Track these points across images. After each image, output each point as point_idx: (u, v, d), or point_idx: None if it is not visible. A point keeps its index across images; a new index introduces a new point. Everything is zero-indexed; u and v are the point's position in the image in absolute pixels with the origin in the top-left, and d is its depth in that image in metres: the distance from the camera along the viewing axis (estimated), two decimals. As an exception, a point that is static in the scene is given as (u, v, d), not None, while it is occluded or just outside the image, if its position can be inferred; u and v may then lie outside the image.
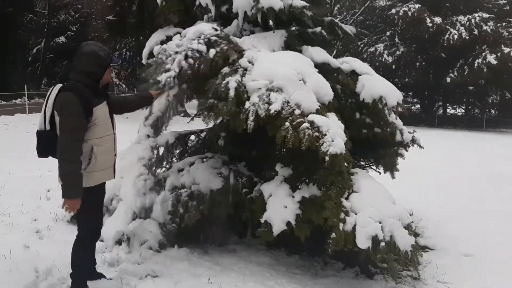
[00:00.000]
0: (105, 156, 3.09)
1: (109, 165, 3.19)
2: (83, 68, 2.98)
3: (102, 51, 3.04)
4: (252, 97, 3.58)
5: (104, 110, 3.06)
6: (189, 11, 4.84)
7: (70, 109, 2.86)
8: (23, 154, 9.14)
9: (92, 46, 3.06)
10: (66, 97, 2.88)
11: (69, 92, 2.88)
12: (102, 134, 3.04)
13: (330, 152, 3.33)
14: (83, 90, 2.91)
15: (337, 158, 3.35)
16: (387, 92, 4.00)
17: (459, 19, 24.86)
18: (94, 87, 3.01)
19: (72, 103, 2.85)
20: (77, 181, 2.93)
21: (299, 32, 4.59)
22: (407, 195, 6.34)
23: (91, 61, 2.98)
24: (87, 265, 3.37)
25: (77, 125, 2.88)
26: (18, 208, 5.12)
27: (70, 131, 2.86)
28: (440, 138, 17.72)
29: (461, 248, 4.96)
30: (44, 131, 2.97)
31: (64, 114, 2.87)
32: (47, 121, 2.94)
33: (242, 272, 3.93)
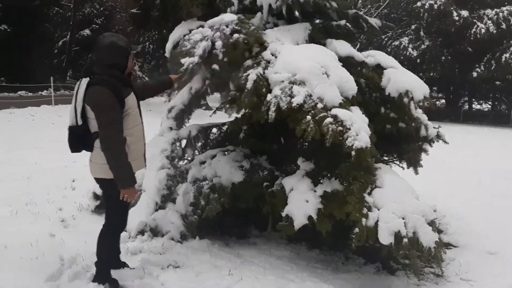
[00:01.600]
0: (137, 146, 3.11)
1: (141, 155, 3.20)
2: (107, 61, 2.98)
3: (121, 41, 3.04)
4: (274, 90, 3.57)
5: (133, 99, 3.07)
6: (212, 4, 4.84)
7: (106, 103, 2.87)
8: (49, 145, 9.34)
9: (110, 38, 3.03)
10: (99, 91, 2.88)
11: (99, 86, 2.88)
12: (133, 124, 3.06)
13: (356, 147, 3.30)
14: (112, 82, 2.91)
15: (362, 152, 3.31)
16: (413, 85, 3.93)
17: (486, 13, 24.28)
18: (121, 78, 3.01)
19: (106, 96, 2.86)
20: (129, 170, 2.97)
21: (323, 25, 4.54)
22: (430, 191, 6.25)
23: (113, 52, 2.98)
24: (112, 255, 3.42)
25: (116, 118, 2.91)
26: (44, 198, 5.24)
27: (111, 125, 2.88)
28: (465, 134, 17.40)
29: (485, 245, 4.87)
30: (76, 126, 2.97)
31: (101, 109, 2.88)
32: (79, 116, 2.94)
33: (263, 265, 3.95)
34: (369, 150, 3.36)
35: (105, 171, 3.00)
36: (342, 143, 3.34)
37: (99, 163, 3.01)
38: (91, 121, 2.96)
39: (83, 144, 3.05)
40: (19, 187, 5.68)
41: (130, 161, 3.00)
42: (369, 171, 3.56)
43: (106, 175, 3.02)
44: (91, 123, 2.96)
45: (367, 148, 3.33)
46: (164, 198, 4.40)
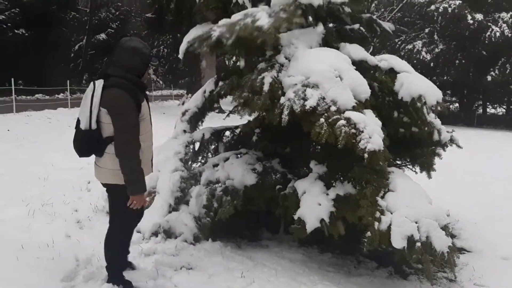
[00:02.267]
0: (147, 151, 3.11)
1: (149, 160, 3.21)
2: (126, 63, 2.94)
3: (145, 48, 3.03)
4: (288, 93, 3.60)
5: (146, 106, 3.05)
6: (226, 9, 4.91)
7: (126, 107, 2.84)
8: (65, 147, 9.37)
9: (136, 42, 3.02)
10: (118, 94, 2.84)
11: (118, 89, 2.85)
12: (146, 130, 3.04)
13: (369, 149, 3.30)
14: (129, 86, 2.89)
15: (375, 155, 3.32)
16: (426, 90, 3.92)
17: (501, 16, 23.97)
18: (138, 83, 2.99)
19: (125, 100, 2.84)
20: (141, 176, 2.94)
21: (337, 29, 4.56)
22: (444, 196, 6.20)
23: (136, 57, 2.96)
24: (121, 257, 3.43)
25: (136, 122, 2.89)
26: (60, 199, 5.31)
27: (130, 129, 2.86)
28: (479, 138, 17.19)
29: (499, 251, 4.82)
30: (90, 130, 2.90)
31: (120, 112, 2.85)
32: (93, 120, 2.87)
33: (275, 267, 3.96)
34: (382, 153, 3.37)
35: (117, 177, 2.96)
36: (355, 146, 3.35)
37: (110, 168, 2.98)
38: (104, 126, 2.91)
39: (93, 149, 3.01)
40: (36, 188, 5.77)
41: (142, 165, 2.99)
42: (382, 175, 3.56)
43: (117, 181, 2.99)
44: (104, 127, 2.92)
45: (380, 151, 3.34)
46: (178, 200, 4.44)
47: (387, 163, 3.67)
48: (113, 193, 3.18)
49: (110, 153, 2.96)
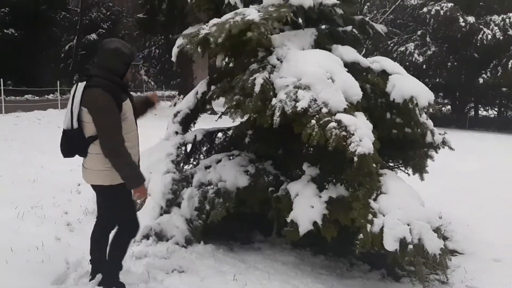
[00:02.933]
0: (132, 151, 3.04)
1: (136, 160, 3.13)
2: (107, 65, 2.95)
3: (125, 48, 3.00)
4: (279, 94, 3.58)
5: (129, 105, 3.03)
6: (218, 9, 4.88)
7: (105, 106, 2.83)
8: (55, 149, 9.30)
9: (116, 43, 3.00)
10: (97, 93, 2.83)
11: (98, 89, 2.85)
12: (129, 130, 3.01)
13: (358, 152, 3.30)
14: (111, 86, 2.89)
15: (365, 158, 3.31)
16: (418, 92, 3.93)
17: (493, 19, 24.19)
18: (120, 83, 2.99)
19: (105, 99, 2.83)
20: (136, 169, 2.98)
21: (329, 31, 4.56)
22: (436, 198, 6.22)
23: (115, 57, 2.95)
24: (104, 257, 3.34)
25: (116, 121, 2.87)
26: (50, 201, 5.25)
27: (112, 128, 2.86)
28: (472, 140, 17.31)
29: (491, 253, 4.85)
30: (71, 129, 2.90)
31: (100, 112, 2.84)
32: (75, 119, 2.88)
33: (267, 270, 3.94)
34: (372, 156, 3.36)
35: (103, 178, 2.96)
36: (345, 148, 3.34)
37: (95, 169, 2.97)
38: (86, 125, 2.90)
39: (76, 149, 3.00)
40: (25, 190, 5.71)
41: None
42: (373, 177, 3.55)
43: (103, 181, 2.97)
44: (86, 127, 2.90)
45: (370, 154, 3.33)
46: (169, 203, 4.41)
47: (379, 165, 3.66)
48: (101, 194, 3.16)
49: (93, 153, 2.94)
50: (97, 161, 2.94)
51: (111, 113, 2.86)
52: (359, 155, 3.32)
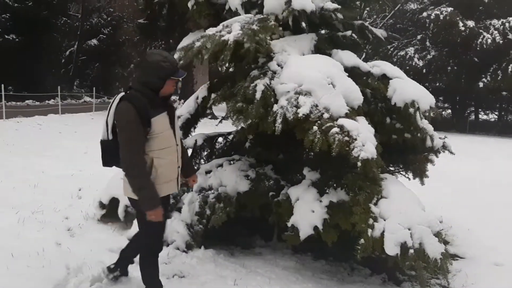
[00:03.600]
0: (167, 169, 2.96)
1: (172, 178, 3.03)
2: (142, 77, 2.89)
3: (165, 62, 2.85)
4: (281, 100, 3.59)
5: (163, 121, 2.91)
6: (219, 16, 4.88)
7: (126, 120, 2.76)
8: (56, 154, 9.40)
9: (156, 56, 2.88)
10: (123, 107, 2.79)
11: (126, 102, 2.79)
12: (162, 146, 2.90)
13: (362, 157, 3.30)
14: (141, 100, 2.80)
15: (368, 163, 3.32)
16: (419, 96, 3.93)
17: (492, 23, 24.25)
18: (152, 97, 2.87)
19: (128, 113, 2.75)
20: (152, 191, 2.83)
21: (329, 36, 4.57)
22: (437, 202, 6.22)
23: (152, 71, 2.84)
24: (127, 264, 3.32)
25: (134, 137, 2.77)
26: (50, 206, 5.25)
27: (129, 144, 2.77)
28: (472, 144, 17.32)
29: (492, 257, 4.84)
30: (107, 140, 2.91)
31: (121, 125, 2.80)
32: (109, 131, 2.88)
33: (268, 275, 3.94)
34: (375, 161, 3.36)
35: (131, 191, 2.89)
36: (348, 154, 3.34)
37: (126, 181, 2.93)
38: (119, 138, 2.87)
39: (113, 160, 2.95)
40: (26, 195, 5.71)
41: (158, 184, 2.88)
42: (375, 182, 3.56)
43: (132, 195, 2.90)
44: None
45: (373, 159, 3.34)
46: (170, 208, 4.40)
47: (379, 170, 3.67)
48: (134, 207, 3.07)
49: None
50: None
51: (131, 129, 2.76)
52: (363, 160, 3.32)
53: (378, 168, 3.50)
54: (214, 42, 3.81)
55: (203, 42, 3.91)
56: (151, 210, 2.82)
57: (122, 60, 36.37)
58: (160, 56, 2.89)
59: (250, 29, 3.87)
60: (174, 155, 3.01)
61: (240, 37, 3.76)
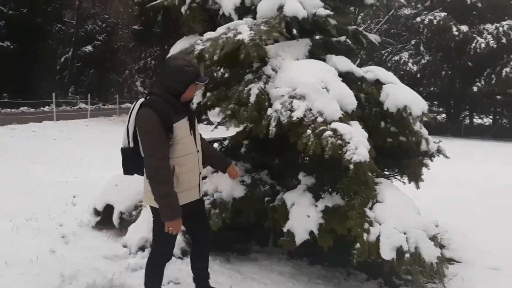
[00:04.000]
0: (189, 176, 2.93)
1: (194, 185, 3.01)
2: (164, 82, 2.86)
3: (188, 67, 2.85)
4: (275, 104, 3.60)
5: (184, 126, 2.88)
6: (213, 21, 4.90)
7: (149, 126, 2.72)
8: (51, 161, 9.36)
9: (179, 61, 2.89)
10: (144, 113, 2.75)
11: (147, 108, 2.75)
12: (183, 152, 2.87)
13: (354, 160, 3.30)
14: (162, 105, 2.77)
15: (361, 166, 3.32)
16: (411, 101, 3.94)
17: (486, 28, 24.42)
18: (174, 103, 2.83)
19: (150, 119, 2.71)
20: (174, 201, 2.77)
21: (323, 41, 4.58)
22: (432, 206, 6.22)
23: (174, 76, 2.82)
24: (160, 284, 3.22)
25: (159, 143, 2.72)
26: (45, 213, 5.23)
27: (154, 151, 2.72)
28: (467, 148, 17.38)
29: (488, 261, 4.84)
30: (128, 148, 2.87)
31: (143, 132, 2.75)
32: (131, 138, 2.84)
33: (264, 281, 3.92)
34: (368, 164, 3.36)
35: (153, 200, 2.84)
36: (341, 157, 3.34)
37: (147, 189, 2.88)
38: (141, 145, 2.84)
39: (134, 168, 2.93)
40: (20, 203, 5.68)
41: (179, 192, 2.82)
42: (369, 186, 3.55)
43: (153, 203, 2.87)
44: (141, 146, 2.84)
45: (365, 162, 3.33)
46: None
47: (375, 174, 3.67)
48: (154, 216, 3.01)
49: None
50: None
51: (154, 135, 2.72)
52: (355, 163, 3.31)
53: (371, 172, 3.50)
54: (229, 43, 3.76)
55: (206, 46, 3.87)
56: (171, 221, 2.77)
57: (117, 66, 36.37)
58: (184, 61, 2.89)
59: (260, 29, 3.88)
60: (195, 162, 2.98)
61: (255, 36, 3.76)
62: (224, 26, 4.08)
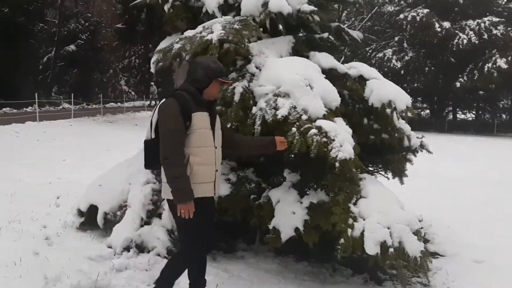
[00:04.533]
0: (203, 169, 2.94)
1: (209, 180, 3.00)
2: (190, 76, 3.00)
3: (214, 63, 3.01)
4: (259, 102, 3.60)
5: (203, 118, 2.95)
6: (196, 19, 4.87)
7: (168, 112, 2.86)
8: (34, 162, 9.24)
9: (207, 58, 3.11)
10: (167, 102, 2.91)
11: (170, 98, 2.92)
12: (200, 143, 2.92)
13: (340, 158, 3.32)
14: (184, 97, 2.91)
15: (346, 163, 3.34)
16: (395, 96, 3.97)
17: (468, 24, 24.77)
18: (196, 95, 2.95)
19: (170, 106, 2.86)
20: (185, 184, 2.82)
21: (306, 38, 4.60)
22: (417, 201, 6.29)
23: (200, 69, 2.96)
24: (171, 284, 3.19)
25: (176, 128, 2.83)
26: (28, 215, 5.15)
27: (170, 134, 2.82)
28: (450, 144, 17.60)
29: (472, 254, 4.90)
30: (150, 140, 2.98)
31: (163, 116, 2.88)
32: (153, 129, 2.96)
33: (250, 279, 3.92)
34: (353, 161, 3.38)
35: (168, 191, 2.88)
36: (327, 154, 3.36)
37: (164, 181, 2.94)
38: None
39: (154, 161, 2.97)
40: (3, 205, 5.59)
41: (194, 183, 2.86)
42: (354, 182, 3.57)
43: (168, 195, 2.91)
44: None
45: (351, 159, 3.36)
46: (150, 214, 4.36)
47: (359, 170, 3.69)
48: (170, 209, 3.07)
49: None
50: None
51: (172, 120, 2.84)
52: (341, 160, 3.34)
53: (356, 168, 3.52)
54: (197, 43, 3.80)
55: (183, 44, 3.90)
56: (182, 204, 2.82)
57: (101, 65, 36.00)
58: (211, 59, 3.10)
59: (233, 28, 3.88)
60: (212, 157, 3.00)
61: (224, 36, 3.77)
62: (202, 25, 4.08)
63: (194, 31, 4.08)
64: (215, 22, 4.09)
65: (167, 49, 4.02)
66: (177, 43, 3.98)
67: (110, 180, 4.86)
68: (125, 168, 4.88)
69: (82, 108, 28.97)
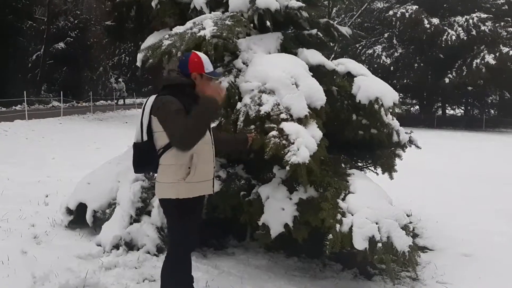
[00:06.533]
0: (205, 167, 2.89)
1: (209, 178, 2.97)
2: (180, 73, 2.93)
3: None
4: (245, 98, 3.60)
5: None
6: (184, 14, 4.85)
7: (169, 101, 2.73)
8: (22, 160, 9.16)
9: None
10: (164, 97, 2.79)
11: (167, 95, 2.81)
12: (201, 142, 2.81)
13: (292, 162, 3.29)
14: (179, 93, 2.82)
15: (299, 167, 3.30)
16: (383, 92, 3.99)
17: (456, 20, 24.93)
18: (191, 93, 2.89)
19: (171, 100, 2.74)
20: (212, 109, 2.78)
21: (295, 34, 4.60)
22: (406, 196, 6.33)
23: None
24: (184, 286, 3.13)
25: (181, 108, 2.71)
26: (16, 214, 5.11)
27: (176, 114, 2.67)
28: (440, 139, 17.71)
29: (461, 248, 4.94)
30: (141, 142, 2.84)
31: (163, 105, 2.73)
32: (144, 131, 2.81)
33: (240, 275, 3.92)
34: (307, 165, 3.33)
35: (167, 191, 2.83)
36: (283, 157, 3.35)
37: (163, 182, 2.84)
38: (157, 136, 2.80)
39: (147, 163, 2.89)
40: (-10, 204, 5.54)
41: (196, 182, 2.82)
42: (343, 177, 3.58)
43: (166, 195, 2.85)
44: (158, 137, 2.80)
45: (304, 164, 3.31)
46: (139, 211, 4.34)
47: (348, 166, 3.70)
48: (164, 208, 3.01)
49: (166, 165, 2.82)
50: (169, 172, 2.80)
51: (173, 104, 2.71)
52: (293, 165, 3.30)
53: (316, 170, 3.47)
54: (189, 39, 3.76)
55: (173, 41, 3.87)
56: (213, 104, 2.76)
57: (91, 63, 35.74)
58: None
59: (225, 24, 3.86)
60: (211, 154, 2.98)
61: (217, 32, 3.74)
62: (191, 21, 4.06)
63: (183, 27, 4.06)
64: (205, 18, 4.07)
65: (156, 45, 3.99)
66: (166, 39, 3.95)
67: (99, 178, 4.83)
68: (114, 166, 4.85)
69: (71, 106, 28.74)
